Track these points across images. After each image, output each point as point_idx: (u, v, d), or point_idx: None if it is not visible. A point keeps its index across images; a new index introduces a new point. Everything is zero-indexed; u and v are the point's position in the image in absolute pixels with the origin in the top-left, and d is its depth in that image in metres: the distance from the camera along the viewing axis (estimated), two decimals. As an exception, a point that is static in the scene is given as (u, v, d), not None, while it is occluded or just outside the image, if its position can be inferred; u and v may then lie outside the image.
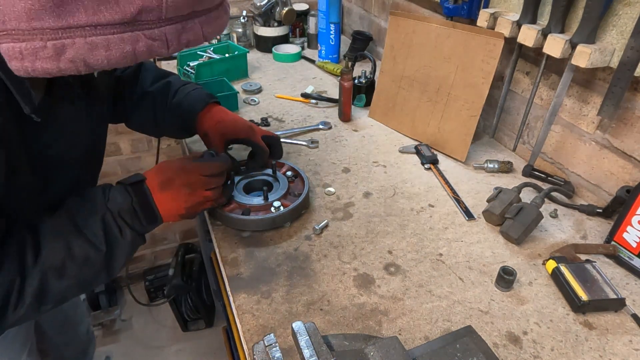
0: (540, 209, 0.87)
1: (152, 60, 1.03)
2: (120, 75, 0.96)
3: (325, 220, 0.91)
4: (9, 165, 0.60)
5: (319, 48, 1.73)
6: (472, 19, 1.13)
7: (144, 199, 0.69)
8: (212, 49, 1.59)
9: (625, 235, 0.81)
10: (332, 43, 1.69)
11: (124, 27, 0.45)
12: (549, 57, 0.92)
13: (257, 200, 0.90)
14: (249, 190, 0.95)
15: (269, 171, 0.97)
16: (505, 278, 0.76)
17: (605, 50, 0.81)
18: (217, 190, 0.77)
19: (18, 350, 0.98)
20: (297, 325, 0.53)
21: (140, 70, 0.98)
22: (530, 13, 0.94)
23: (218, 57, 1.54)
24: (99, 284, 0.71)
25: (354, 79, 1.33)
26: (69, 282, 0.63)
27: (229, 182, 0.84)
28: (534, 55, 1.06)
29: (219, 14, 0.53)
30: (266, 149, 0.93)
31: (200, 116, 0.93)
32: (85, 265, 0.63)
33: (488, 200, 0.95)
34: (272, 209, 0.88)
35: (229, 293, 0.76)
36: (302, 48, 1.86)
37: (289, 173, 0.98)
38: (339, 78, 1.26)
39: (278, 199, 0.90)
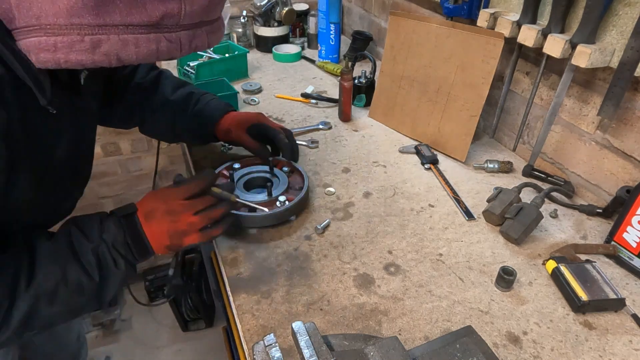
0: (540, 209, 0.87)
1: (169, 70, 1.07)
2: (140, 82, 1.00)
3: (327, 220, 0.91)
4: (11, 165, 0.59)
5: (319, 48, 1.73)
6: (472, 19, 1.13)
7: (134, 231, 0.69)
8: (212, 49, 1.59)
9: (625, 235, 0.81)
10: (332, 43, 1.69)
11: (150, 29, 0.52)
12: (549, 57, 0.92)
13: (261, 196, 0.90)
14: (248, 187, 0.95)
15: (266, 168, 0.98)
16: (505, 278, 0.76)
17: (605, 50, 0.81)
18: (205, 216, 0.72)
19: None
20: (297, 325, 0.53)
21: (160, 79, 1.02)
22: (530, 13, 0.94)
23: (218, 57, 1.54)
24: (88, 312, 0.72)
25: (354, 79, 1.33)
26: (59, 309, 0.63)
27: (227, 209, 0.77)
28: (534, 55, 1.06)
29: (219, 26, 0.61)
30: (278, 127, 1.00)
31: (219, 123, 1.00)
32: (77, 292, 0.64)
33: (488, 200, 0.95)
34: (278, 203, 0.89)
35: (229, 293, 0.76)
36: (302, 48, 1.86)
37: (285, 168, 0.99)
38: (339, 78, 1.26)
39: (282, 194, 0.91)
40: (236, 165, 0.98)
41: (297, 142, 1.19)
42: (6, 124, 0.56)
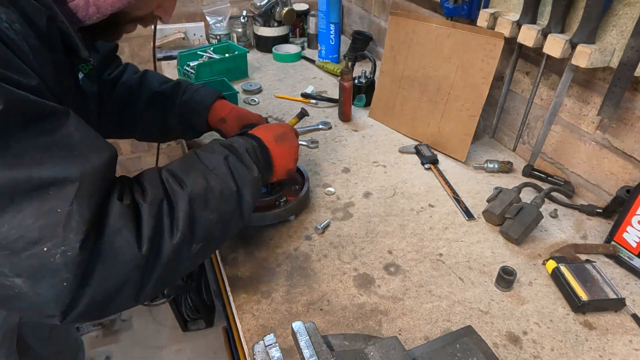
0: (540, 209, 0.87)
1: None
2: (126, 81, 1.01)
3: (328, 220, 0.91)
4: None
5: (319, 48, 1.73)
6: (472, 19, 1.13)
7: (262, 146, 0.76)
8: (212, 49, 1.59)
9: (625, 235, 0.81)
10: (332, 43, 1.69)
11: None
12: (549, 57, 0.92)
13: None
14: None
15: None
16: (505, 278, 0.76)
17: (605, 50, 0.81)
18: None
19: None
20: (297, 325, 0.53)
21: (146, 76, 1.03)
22: (530, 13, 0.94)
23: (218, 57, 1.54)
24: (236, 226, 0.69)
25: (354, 79, 1.33)
26: (213, 216, 0.62)
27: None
28: (534, 55, 1.06)
29: None
30: None
31: (212, 108, 1.00)
32: (222, 199, 0.64)
33: (488, 200, 0.95)
34: (277, 202, 0.88)
35: (229, 293, 0.76)
36: (302, 48, 1.86)
37: None
38: (339, 78, 1.26)
39: (282, 193, 0.90)
40: None
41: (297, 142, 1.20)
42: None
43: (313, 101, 1.42)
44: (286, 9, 1.73)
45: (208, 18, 1.79)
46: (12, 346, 1.02)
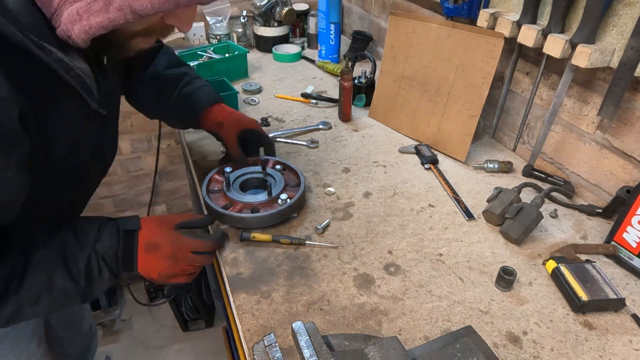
0: (540, 209, 0.88)
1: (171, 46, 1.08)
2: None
3: (327, 220, 0.91)
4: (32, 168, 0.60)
5: (319, 48, 1.73)
6: (472, 19, 1.13)
7: (129, 250, 0.70)
8: (212, 49, 1.59)
9: (625, 235, 0.81)
10: (332, 43, 1.69)
11: None
12: (549, 57, 0.92)
13: (261, 196, 0.90)
14: (243, 189, 0.95)
15: (259, 168, 0.98)
16: (505, 278, 0.76)
17: (605, 50, 0.81)
18: (199, 267, 0.77)
19: (29, 338, 0.99)
20: (297, 325, 0.53)
21: (159, 53, 1.01)
22: (530, 13, 0.94)
23: (218, 57, 1.54)
24: (70, 307, 0.76)
25: (354, 79, 1.33)
26: (41, 309, 0.66)
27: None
28: (534, 55, 1.06)
29: None
30: (271, 140, 1.05)
31: (209, 110, 0.99)
32: (61, 296, 0.66)
33: (488, 200, 0.95)
34: (279, 201, 0.89)
35: (229, 293, 0.77)
36: (302, 48, 1.86)
37: (277, 167, 0.99)
38: (339, 78, 1.26)
39: (282, 192, 0.91)
40: (227, 169, 0.96)
41: (297, 142, 1.20)
42: (29, 152, 0.57)
43: (313, 101, 1.42)
44: (286, 9, 1.73)
45: (208, 18, 1.79)
46: (41, 321, 1.05)
